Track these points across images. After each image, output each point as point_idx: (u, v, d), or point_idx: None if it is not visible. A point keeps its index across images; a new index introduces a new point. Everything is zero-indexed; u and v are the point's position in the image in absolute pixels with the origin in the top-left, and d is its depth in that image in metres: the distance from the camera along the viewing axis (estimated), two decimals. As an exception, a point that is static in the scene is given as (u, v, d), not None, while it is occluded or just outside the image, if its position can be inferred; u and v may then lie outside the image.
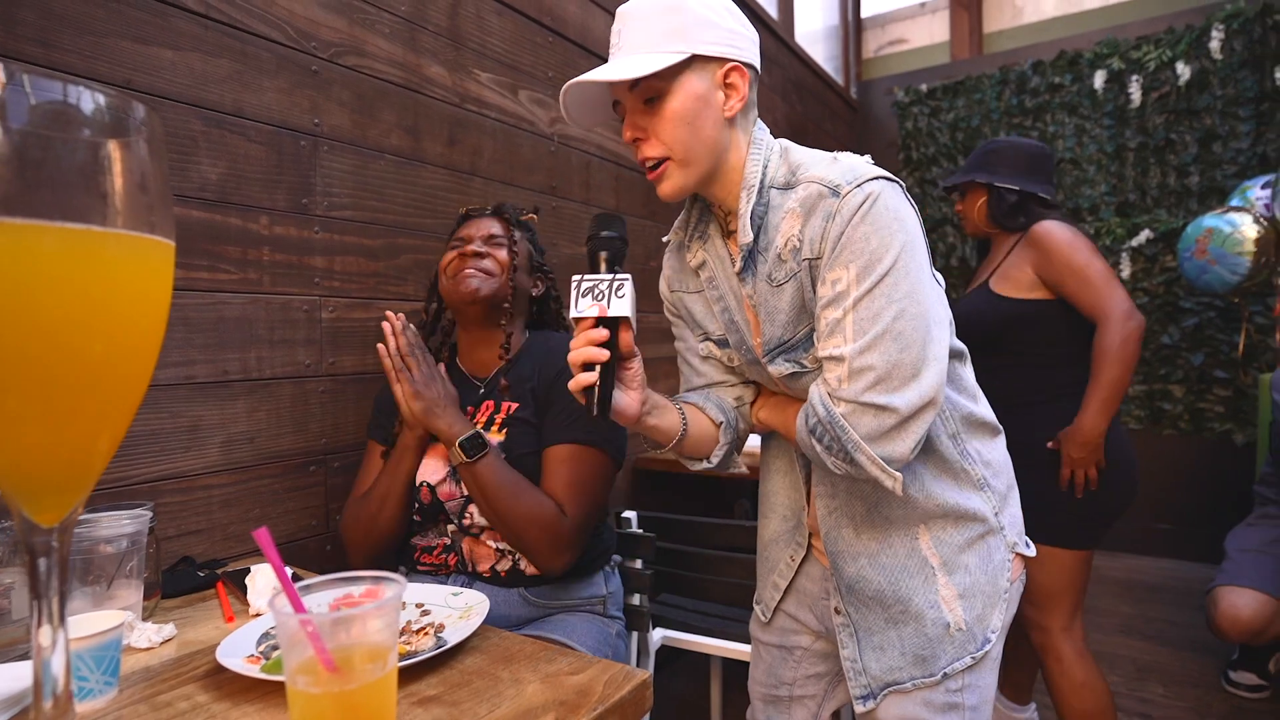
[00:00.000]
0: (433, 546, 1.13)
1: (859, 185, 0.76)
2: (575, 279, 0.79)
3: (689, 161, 0.82)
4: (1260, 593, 1.84)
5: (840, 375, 0.76)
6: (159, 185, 0.58)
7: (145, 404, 1.04)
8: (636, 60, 0.79)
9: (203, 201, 1.11)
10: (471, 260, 1.16)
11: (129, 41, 1.02)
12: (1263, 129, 3.02)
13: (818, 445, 0.78)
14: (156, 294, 0.56)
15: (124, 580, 0.82)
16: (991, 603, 0.88)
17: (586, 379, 0.76)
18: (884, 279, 0.75)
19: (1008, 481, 0.94)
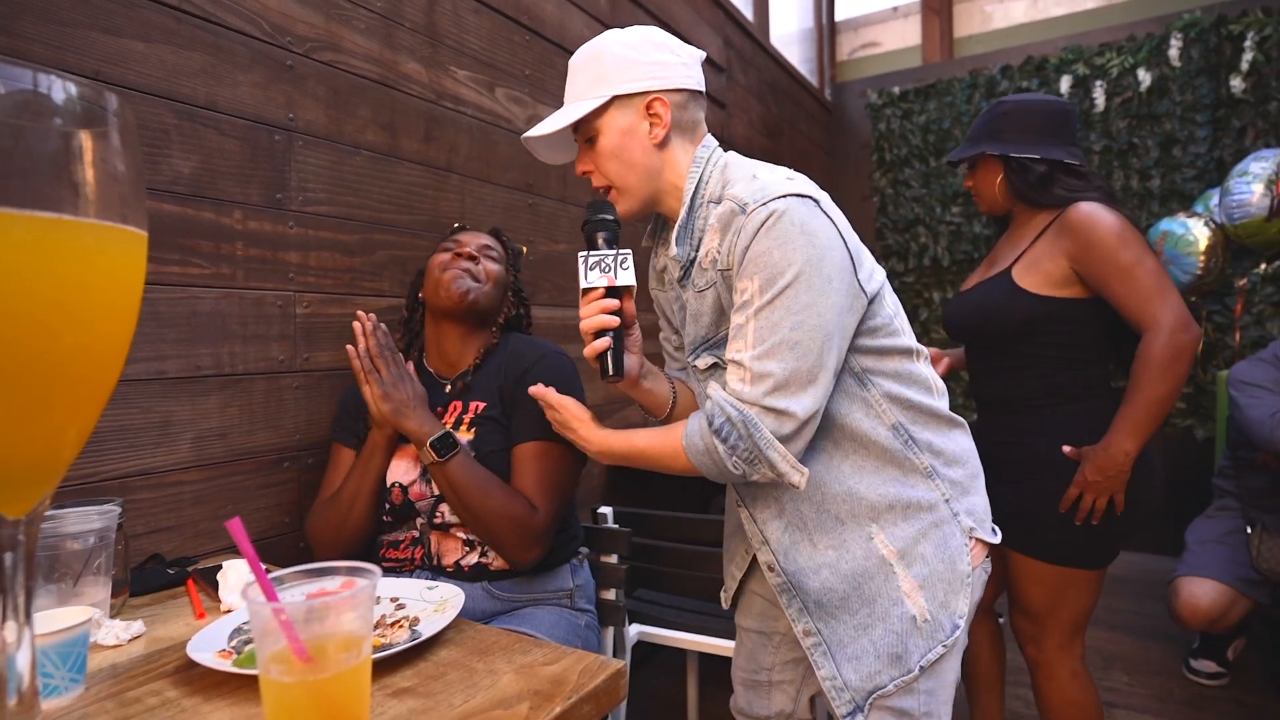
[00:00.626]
0: (399, 540, 1.14)
1: (763, 204, 0.82)
2: (582, 255, 0.89)
3: (625, 188, 0.94)
4: (1218, 582, 1.91)
5: (742, 378, 0.82)
6: (131, 176, 0.58)
7: (115, 399, 1.02)
8: (570, 108, 0.92)
9: (175, 195, 1.09)
10: (465, 263, 1.20)
11: (98, 32, 1.00)
12: (1219, 134, 3.12)
13: (721, 445, 0.81)
14: (128, 285, 0.56)
15: (91, 577, 0.81)
16: (954, 589, 0.89)
17: (601, 344, 0.87)
18: (784, 291, 0.80)
19: (968, 471, 0.95)
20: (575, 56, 0.95)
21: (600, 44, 0.92)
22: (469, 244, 1.23)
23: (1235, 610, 1.91)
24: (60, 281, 0.40)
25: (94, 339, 0.52)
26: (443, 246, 1.25)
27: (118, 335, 0.56)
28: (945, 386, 0.98)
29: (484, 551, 1.11)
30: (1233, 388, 1.94)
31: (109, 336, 0.55)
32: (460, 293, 1.17)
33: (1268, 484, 1.96)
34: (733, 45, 2.92)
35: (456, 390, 1.20)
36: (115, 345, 0.56)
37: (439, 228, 1.56)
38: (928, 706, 0.89)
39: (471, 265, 1.20)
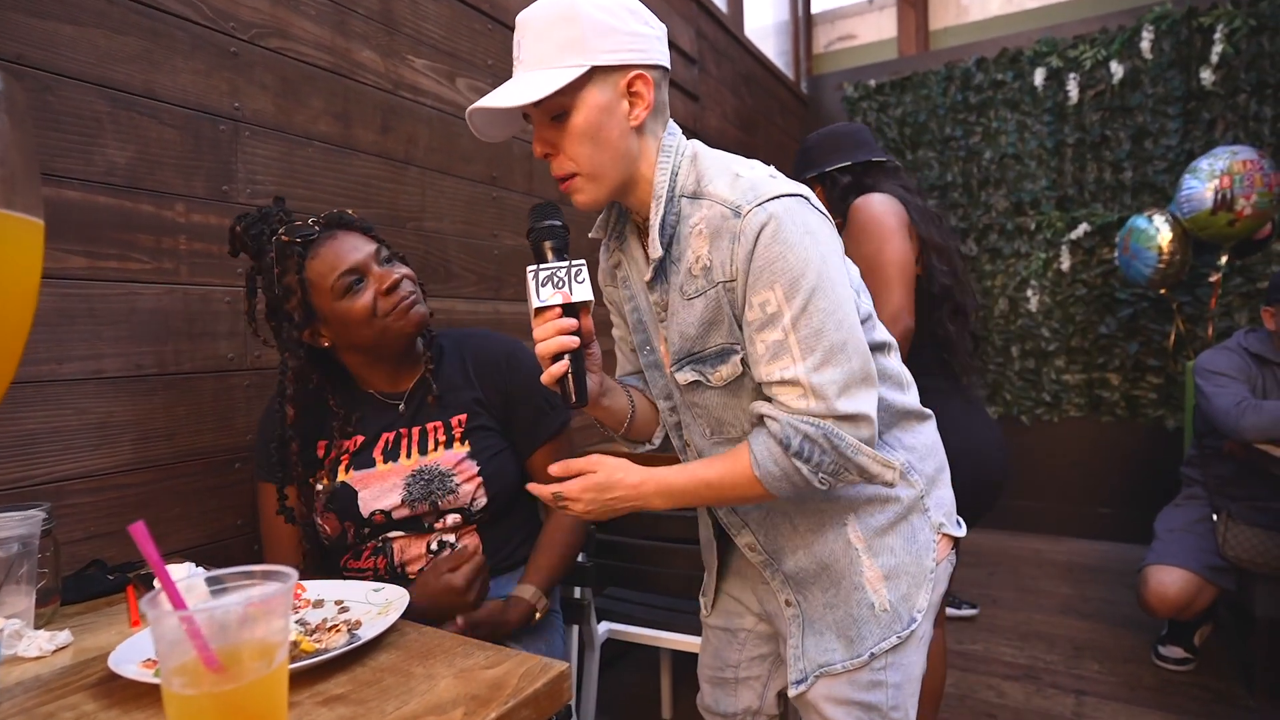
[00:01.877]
0: (360, 550, 1.09)
1: (760, 205, 0.76)
2: (531, 269, 0.79)
3: (596, 176, 0.81)
4: (1186, 570, 1.92)
5: (803, 394, 0.76)
6: (21, 160, 0.54)
7: (47, 399, 0.98)
8: (536, 78, 0.77)
9: (109, 186, 1.05)
10: (401, 290, 1.04)
11: (20, 14, 0.96)
12: (1190, 127, 3.15)
13: (804, 466, 0.76)
14: (18, 275, 0.53)
15: (13, 586, 0.77)
16: (917, 582, 0.89)
17: (559, 369, 0.78)
18: (813, 295, 0.75)
19: (936, 464, 0.96)
20: (533, 13, 0.79)
21: (571, 2, 0.77)
22: (368, 266, 1.02)
23: (1202, 597, 1.93)
24: None
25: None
26: (340, 284, 1.00)
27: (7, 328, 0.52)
28: (912, 377, 0.97)
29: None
30: (1199, 377, 1.95)
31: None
32: (419, 321, 1.06)
33: (1233, 472, 1.97)
34: (705, 36, 2.90)
35: (421, 411, 1.11)
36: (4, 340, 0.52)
37: (398, 221, 1.52)
38: (895, 700, 0.89)
39: (404, 288, 1.05)
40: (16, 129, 0.52)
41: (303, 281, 1.01)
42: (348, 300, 1.01)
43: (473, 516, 1.09)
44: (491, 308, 1.78)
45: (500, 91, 0.79)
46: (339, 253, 1.02)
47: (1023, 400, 3.54)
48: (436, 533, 1.08)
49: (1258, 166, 2.50)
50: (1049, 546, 3.33)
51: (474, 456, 1.08)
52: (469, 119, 0.82)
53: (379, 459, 1.08)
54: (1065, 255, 3.39)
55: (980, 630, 2.44)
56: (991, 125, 3.54)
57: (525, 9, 0.80)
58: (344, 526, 1.07)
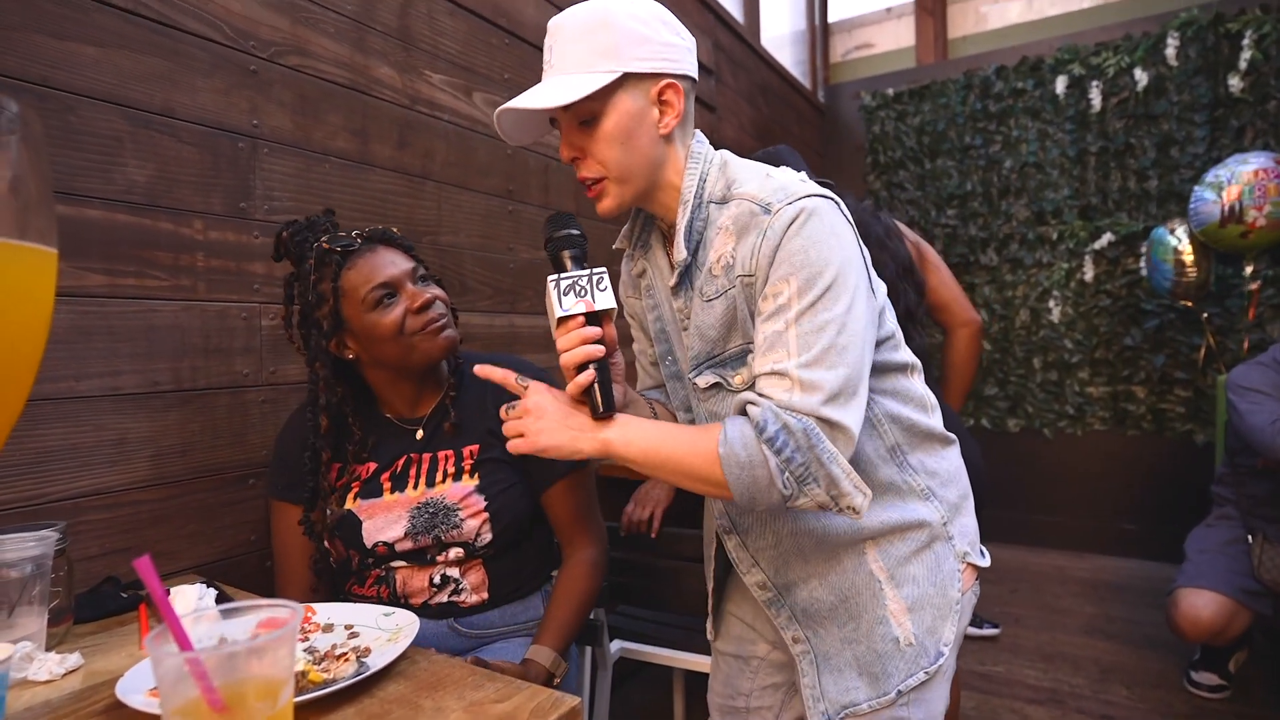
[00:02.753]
0: (364, 577, 1.08)
1: (791, 202, 0.75)
2: (552, 278, 0.78)
3: (625, 180, 0.81)
4: (1219, 593, 1.86)
5: (789, 388, 0.72)
6: (35, 189, 0.54)
7: (65, 417, 0.99)
8: (568, 81, 0.77)
9: (129, 205, 1.06)
10: (432, 311, 1.03)
11: (44, 36, 0.97)
12: (1217, 134, 3.08)
13: (774, 458, 0.70)
14: (29, 305, 0.52)
15: (26, 607, 0.77)
16: (942, 615, 0.86)
17: (585, 379, 0.75)
18: (826, 293, 0.73)
19: (960, 491, 0.92)
20: (567, 19, 0.79)
21: (607, 9, 0.77)
22: (402, 282, 1.02)
23: (1237, 622, 1.86)
24: None
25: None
26: (372, 297, 1.00)
27: (18, 359, 0.52)
28: (936, 400, 0.94)
29: (455, 590, 1.07)
30: (1232, 393, 1.90)
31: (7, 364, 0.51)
32: (447, 345, 1.05)
33: (1268, 492, 1.91)
34: (722, 48, 2.89)
35: (436, 438, 1.09)
36: (16, 370, 0.52)
37: (415, 235, 1.52)
38: None
39: (436, 309, 1.04)
40: (33, 158, 0.51)
41: (336, 290, 1.01)
42: (378, 313, 1.01)
43: (476, 551, 1.06)
44: (507, 321, 1.77)
45: (533, 93, 0.78)
46: (375, 265, 1.02)
47: (1045, 413, 3.47)
48: (439, 565, 1.06)
49: (1273, 174, 2.41)
50: (1072, 563, 3.25)
51: (482, 490, 1.06)
52: (497, 119, 0.83)
53: (386, 487, 1.07)
54: (1089, 265, 3.32)
55: (1002, 651, 2.39)
56: (1012, 134, 3.50)
57: (559, 14, 0.81)
58: (348, 553, 1.06)
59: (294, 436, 1.09)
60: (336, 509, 1.06)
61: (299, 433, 1.08)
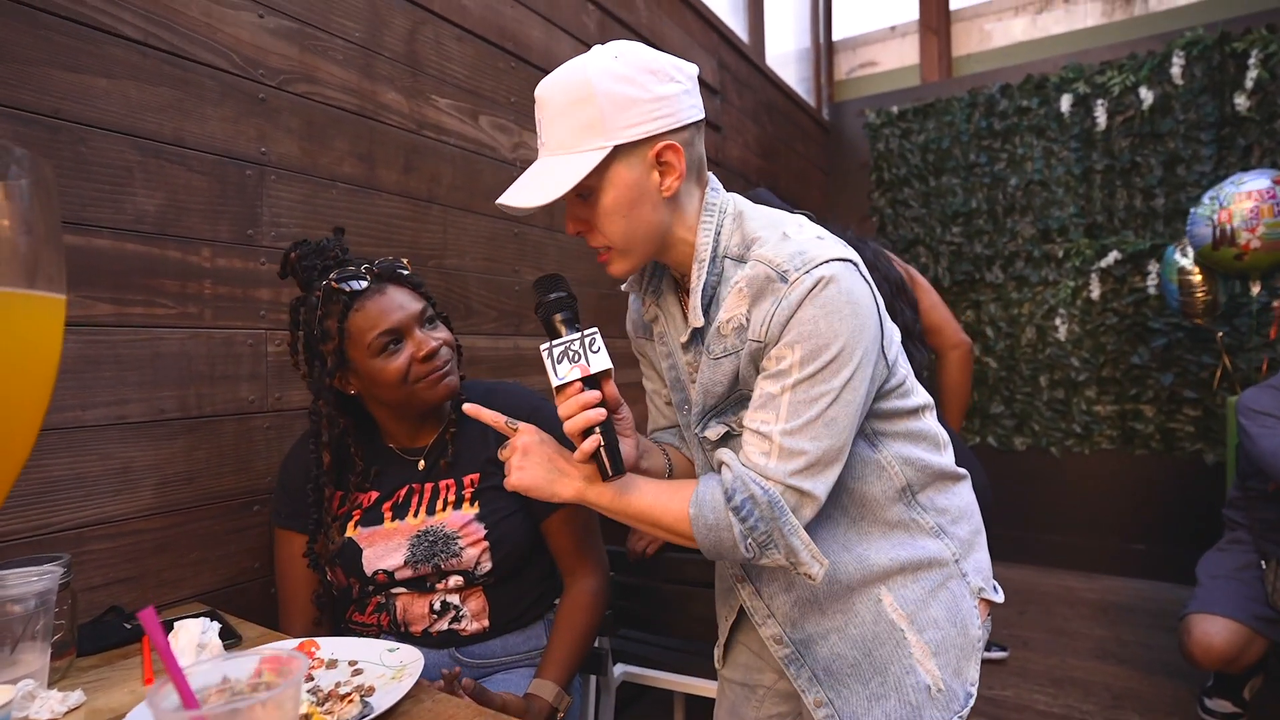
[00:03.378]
0: (365, 604, 1.08)
1: (808, 271, 0.74)
2: (544, 348, 0.77)
3: (631, 250, 0.81)
4: (1232, 620, 1.83)
5: (766, 451, 0.74)
6: (44, 238, 0.54)
7: (70, 446, 0.99)
8: (558, 165, 0.75)
9: (139, 234, 1.06)
10: (437, 361, 1.02)
11: (58, 70, 0.98)
12: (1224, 153, 3.08)
13: (739, 525, 0.73)
14: (37, 355, 0.52)
15: (30, 643, 0.77)
16: (966, 655, 0.86)
17: (590, 445, 0.75)
18: (828, 366, 0.73)
19: (972, 527, 0.92)
20: (550, 90, 0.76)
21: (585, 79, 0.73)
22: (409, 327, 1.01)
23: (1252, 650, 1.83)
24: None
25: None
26: (377, 343, 0.99)
27: (26, 409, 0.52)
28: (948, 436, 0.94)
29: (456, 618, 1.06)
30: (1242, 416, 1.88)
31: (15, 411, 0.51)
32: (447, 393, 1.04)
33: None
34: (727, 67, 2.91)
35: (436, 469, 1.09)
36: (23, 420, 0.52)
37: (420, 259, 1.53)
38: None
39: (441, 357, 1.03)
40: (42, 204, 0.52)
41: (342, 330, 1.00)
42: (382, 359, 1.00)
43: (476, 580, 1.06)
44: (512, 343, 1.77)
45: (524, 187, 0.77)
46: (383, 310, 1.01)
47: (1052, 431, 3.45)
48: (439, 593, 1.06)
49: (1268, 195, 2.38)
50: (1081, 584, 3.22)
51: (482, 519, 1.05)
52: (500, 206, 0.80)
53: (387, 515, 1.06)
54: (1095, 283, 3.31)
55: (1011, 675, 2.36)
56: (1017, 152, 3.50)
57: (543, 81, 0.79)
58: (349, 581, 1.06)
59: (297, 465, 1.09)
60: (337, 538, 1.06)
61: (302, 462, 1.08)
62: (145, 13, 1.07)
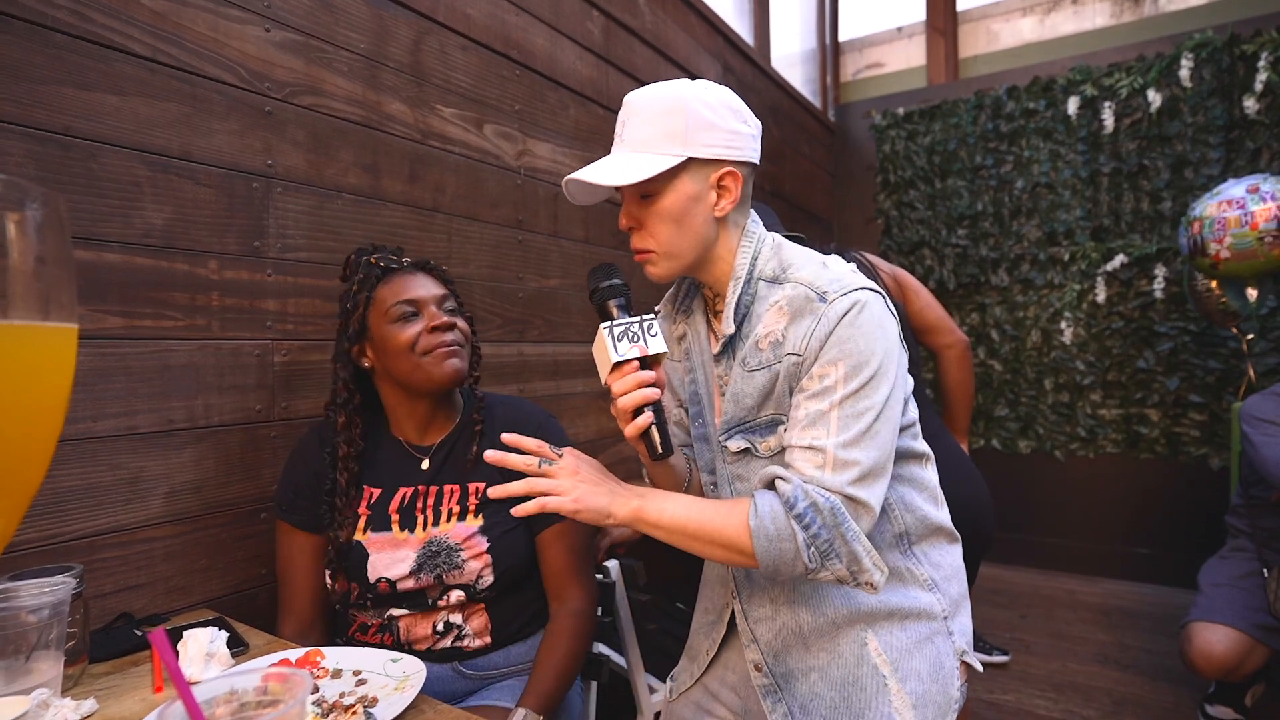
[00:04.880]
0: (368, 625, 1.09)
1: (846, 293, 0.80)
2: (605, 325, 0.80)
3: (673, 255, 0.86)
4: (1233, 629, 1.83)
5: (820, 464, 0.76)
6: (57, 268, 0.56)
7: (81, 457, 1.01)
8: (635, 160, 0.82)
9: (147, 248, 1.08)
10: (446, 335, 1.06)
11: (70, 88, 1.00)
12: (1232, 156, 3.06)
13: (802, 533, 0.74)
14: (50, 385, 0.54)
15: (43, 651, 0.79)
16: (942, 713, 0.87)
17: (644, 422, 0.78)
18: (870, 381, 0.77)
19: (960, 590, 0.93)
20: (644, 98, 0.83)
21: (680, 95, 0.82)
22: (426, 303, 1.07)
23: (1253, 658, 1.83)
24: None
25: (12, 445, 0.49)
26: (395, 310, 1.06)
27: (40, 437, 0.54)
28: (943, 496, 0.96)
29: (459, 635, 1.07)
30: (1245, 423, 1.87)
31: (30, 441, 0.52)
32: (454, 374, 1.06)
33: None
34: (732, 71, 2.91)
35: (443, 470, 1.11)
36: (37, 449, 0.54)
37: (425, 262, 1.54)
38: None
39: (451, 335, 1.07)
40: (55, 240, 0.53)
41: (369, 299, 1.08)
42: (397, 326, 1.06)
43: (478, 595, 1.06)
44: (516, 350, 1.79)
45: (602, 168, 0.83)
46: (408, 284, 1.09)
47: (1056, 435, 3.44)
48: (442, 611, 1.07)
49: (1236, 205, 2.39)
50: (1083, 587, 3.21)
51: (485, 532, 1.06)
52: (565, 185, 0.86)
53: (395, 522, 1.07)
54: (1101, 287, 3.30)
55: (1012, 679, 2.36)
56: (1023, 154, 3.49)
57: (636, 90, 0.86)
58: (350, 586, 1.07)
59: (301, 456, 1.12)
60: (348, 539, 1.07)
61: (305, 452, 1.11)
62: (154, 29, 1.09)
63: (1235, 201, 2.40)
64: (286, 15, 1.28)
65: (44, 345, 0.51)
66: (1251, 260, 2.38)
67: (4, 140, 0.93)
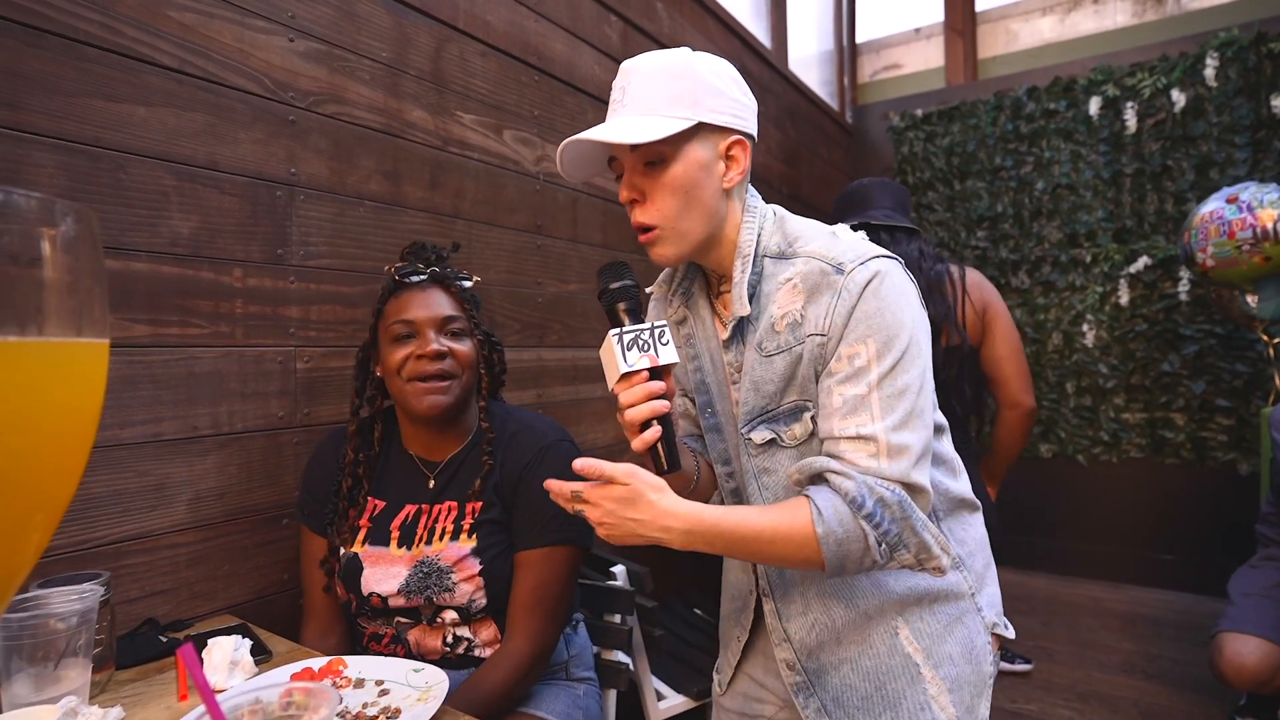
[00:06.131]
0: (380, 635, 1.09)
1: (863, 263, 0.76)
2: (614, 333, 0.75)
3: (681, 233, 0.80)
4: (1265, 640, 1.79)
5: (874, 453, 0.72)
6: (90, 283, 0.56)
7: (109, 465, 1.02)
8: (643, 123, 0.76)
9: (174, 256, 1.09)
10: (431, 365, 1.03)
11: (100, 100, 1.01)
12: (1259, 156, 3.00)
13: (872, 532, 0.71)
14: (83, 400, 0.54)
15: (71, 659, 0.80)
16: (978, 691, 0.86)
17: (652, 435, 0.74)
18: (904, 357, 0.74)
19: (985, 560, 0.92)
20: (643, 62, 0.79)
21: (687, 60, 0.78)
22: (423, 326, 1.04)
23: (1284, 670, 1.79)
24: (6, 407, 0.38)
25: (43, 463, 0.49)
26: (394, 329, 1.05)
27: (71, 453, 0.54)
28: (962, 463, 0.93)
29: (470, 647, 1.07)
30: (1275, 430, 1.83)
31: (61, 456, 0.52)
32: (435, 408, 1.04)
33: (1317, 533, 1.84)
34: (749, 73, 2.90)
35: (446, 489, 1.09)
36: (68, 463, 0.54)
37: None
38: None
39: (438, 364, 1.03)
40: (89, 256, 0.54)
41: (381, 310, 1.10)
42: (392, 347, 1.07)
43: (471, 616, 1.05)
44: (535, 355, 1.79)
45: (606, 128, 0.77)
46: (413, 302, 1.07)
47: (1078, 439, 3.39)
48: (448, 627, 1.06)
49: (1215, 216, 2.42)
50: (1108, 594, 3.16)
51: (478, 553, 1.04)
52: (561, 151, 0.80)
53: (394, 539, 1.07)
54: (1124, 289, 3.25)
55: (1035, 688, 2.33)
56: (1044, 155, 3.44)
57: (632, 58, 0.81)
58: (349, 596, 1.07)
59: (318, 461, 1.14)
60: (347, 549, 1.07)
61: (322, 457, 1.13)
62: (181, 41, 1.10)
63: (1215, 213, 2.44)
64: (310, 25, 1.29)
65: (77, 361, 0.52)
66: (1235, 268, 2.41)
67: (36, 152, 0.94)
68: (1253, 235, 2.32)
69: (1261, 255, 2.33)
